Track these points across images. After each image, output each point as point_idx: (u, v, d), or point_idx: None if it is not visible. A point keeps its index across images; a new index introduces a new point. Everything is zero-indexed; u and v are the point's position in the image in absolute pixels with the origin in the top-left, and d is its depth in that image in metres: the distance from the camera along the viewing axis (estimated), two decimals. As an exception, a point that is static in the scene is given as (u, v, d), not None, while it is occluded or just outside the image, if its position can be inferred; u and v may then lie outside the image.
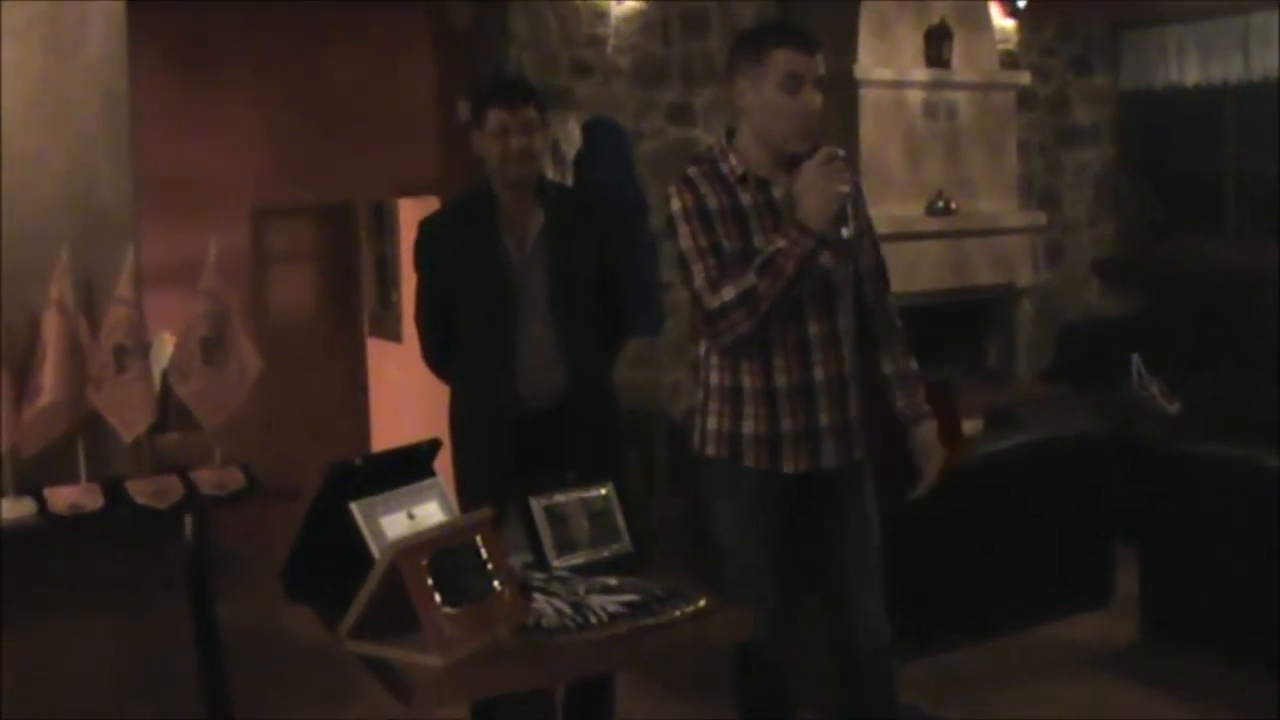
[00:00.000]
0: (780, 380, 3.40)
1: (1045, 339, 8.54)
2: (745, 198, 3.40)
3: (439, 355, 4.23)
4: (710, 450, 3.51)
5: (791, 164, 3.37)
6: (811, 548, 3.58)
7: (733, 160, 3.43)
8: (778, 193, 3.41)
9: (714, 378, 3.50)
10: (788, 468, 3.44)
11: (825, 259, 3.34)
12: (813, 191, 3.25)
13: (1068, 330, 8.70)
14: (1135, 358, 6.94)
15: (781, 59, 3.34)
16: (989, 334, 8.21)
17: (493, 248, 4.00)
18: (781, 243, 3.25)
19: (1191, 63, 8.63)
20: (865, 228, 3.59)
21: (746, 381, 3.42)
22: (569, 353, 4.02)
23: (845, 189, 3.27)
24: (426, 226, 4.20)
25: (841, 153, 3.31)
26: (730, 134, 3.51)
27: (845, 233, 3.37)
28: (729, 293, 3.29)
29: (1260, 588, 4.80)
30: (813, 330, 3.40)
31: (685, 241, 3.39)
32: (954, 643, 5.08)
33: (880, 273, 3.64)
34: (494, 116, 3.97)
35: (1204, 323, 8.16)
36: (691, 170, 3.47)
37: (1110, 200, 9.22)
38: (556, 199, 4.10)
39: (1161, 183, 9.18)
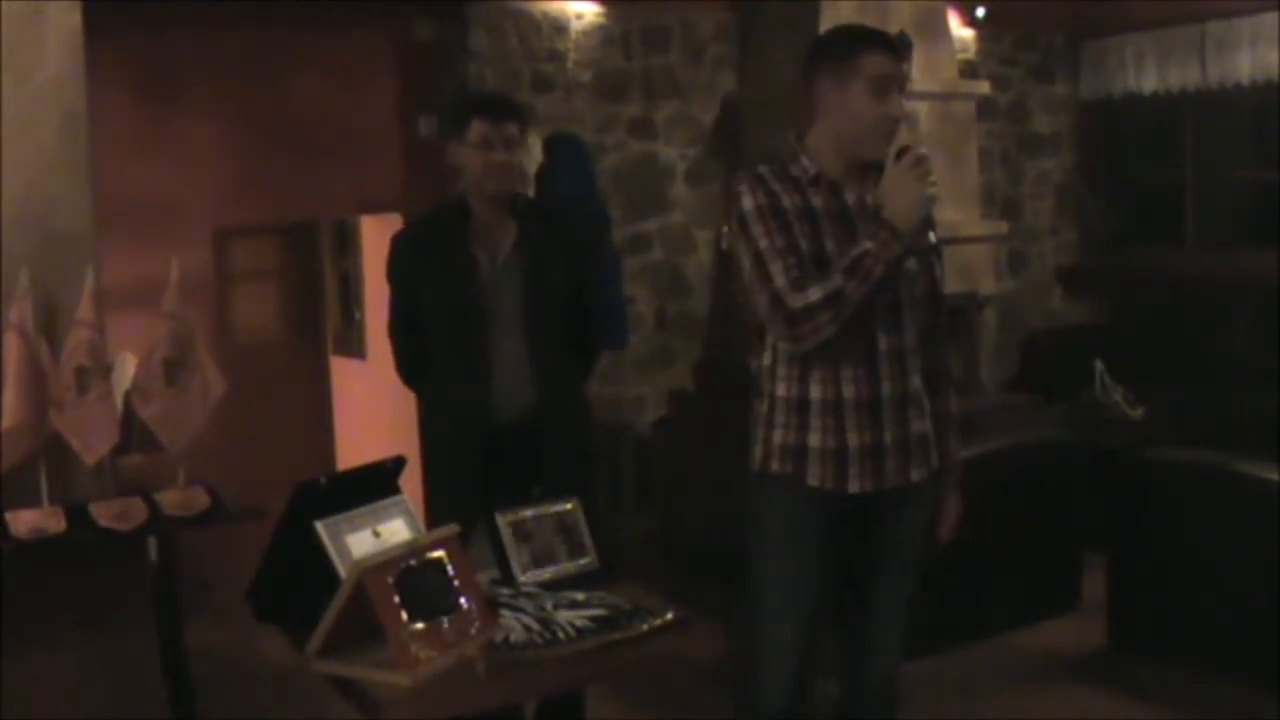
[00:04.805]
0: (848, 392, 3.26)
1: (1009, 347, 8.58)
2: (817, 200, 3.27)
3: (413, 369, 4.20)
4: (775, 466, 3.36)
5: (868, 169, 3.27)
6: (846, 570, 3.49)
7: (804, 161, 3.30)
8: (849, 198, 3.29)
9: (780, 389, 3.35)
10: (853, 487, 3.29)
11: (911, 264, 3.24)
12: (901, 193, 3.12)
13: (1031, 338, 8.74)
14: (1099, 364, 6.97)
15: (870, 63, 3.22)
16: (953, 343, 8.22)
17: (465, 261, 3.98)
18: (869, 244, 3.13)
19: (1149, 71, 8.69)
20: (931, 247, 3.42)
21: (815, 392, 3.29)
22: (540, 368, 4.00)
23: (934, 191, 3.14)
24: (400, 240, 4.18)
25: (927, 154, 3.18)
26: (799, 136, 3.36)
27: (932, 237, 3.27)
28: (815, 294, 3.14)
29: (1227, 593, 4.83)
30: (881, 343, 3.27)
31: (762, 241, 3.23)
32: (921, 650, 5.08)
33: (935, 297, 3.46)
34: (477, 128, 3.93)
35: (1166, 330, 8.21)
36: (762, 169, 3.33)
37: (1072, 208, 9.27)
38: (529, 214, 4.08)
39: (1122, 190, 9.25)
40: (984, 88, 8.10)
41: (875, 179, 3.25)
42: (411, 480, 3.44)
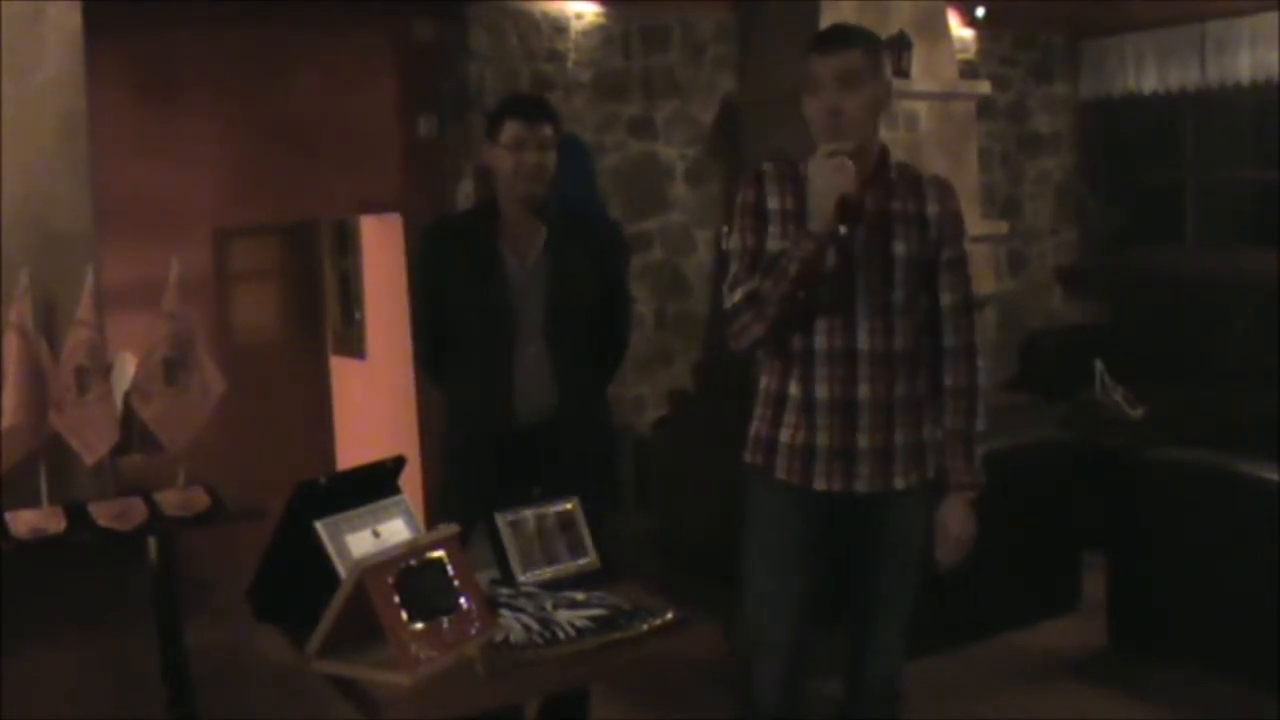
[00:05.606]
0: (821, 392, 3.29)
1: (1009, 347, 8.58)
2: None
3: (438, 367, 4.19)
4: (748, 457, 3.44)
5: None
6: (842, 570, 3.50)
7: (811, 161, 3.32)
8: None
9: (763, 381, 3.42)
10: (819, 485, 3.32)
11: (831, 258, 3.19)
12: (813, 187, 3.13)
13: (1031, 338, 8.74)
14: (1098, 364, 6.97)
15: (808, 63, 3.26)
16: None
17: (493, 262, 3.95)
18: (786, 244, 3.18)
19: (1149, 71, 8.69)
20: (952, 261, 3.38)
21: (793, 389, 3.33)
22: (562, 372, 3.98)
23: (845, 186, 3.07)
24: (430, 235, 4.17)
25: (847, 146, 3.13)
26: None
27: (842, 230, 3.16)
28: (739, 294, 3.23)
29: (1227, 593, 4.83)
30: (863, 345, 3.27)
31: (734, 238, 3.33)
32: (921, 650, 5.08)
33: (960, 311, 3.40)
34: (511, 130, 3.90)
35: (1166, 330, 8.21)
36: (766, 166, 3.37)
37: (1072, 208, 9.27)
38: (558, 217, 4.04)
39: (1122, 190, 9.25)
40: (984, 88, 8.10)
41: (872, 181, 3.27)
42: (411, 480, 3.44)
